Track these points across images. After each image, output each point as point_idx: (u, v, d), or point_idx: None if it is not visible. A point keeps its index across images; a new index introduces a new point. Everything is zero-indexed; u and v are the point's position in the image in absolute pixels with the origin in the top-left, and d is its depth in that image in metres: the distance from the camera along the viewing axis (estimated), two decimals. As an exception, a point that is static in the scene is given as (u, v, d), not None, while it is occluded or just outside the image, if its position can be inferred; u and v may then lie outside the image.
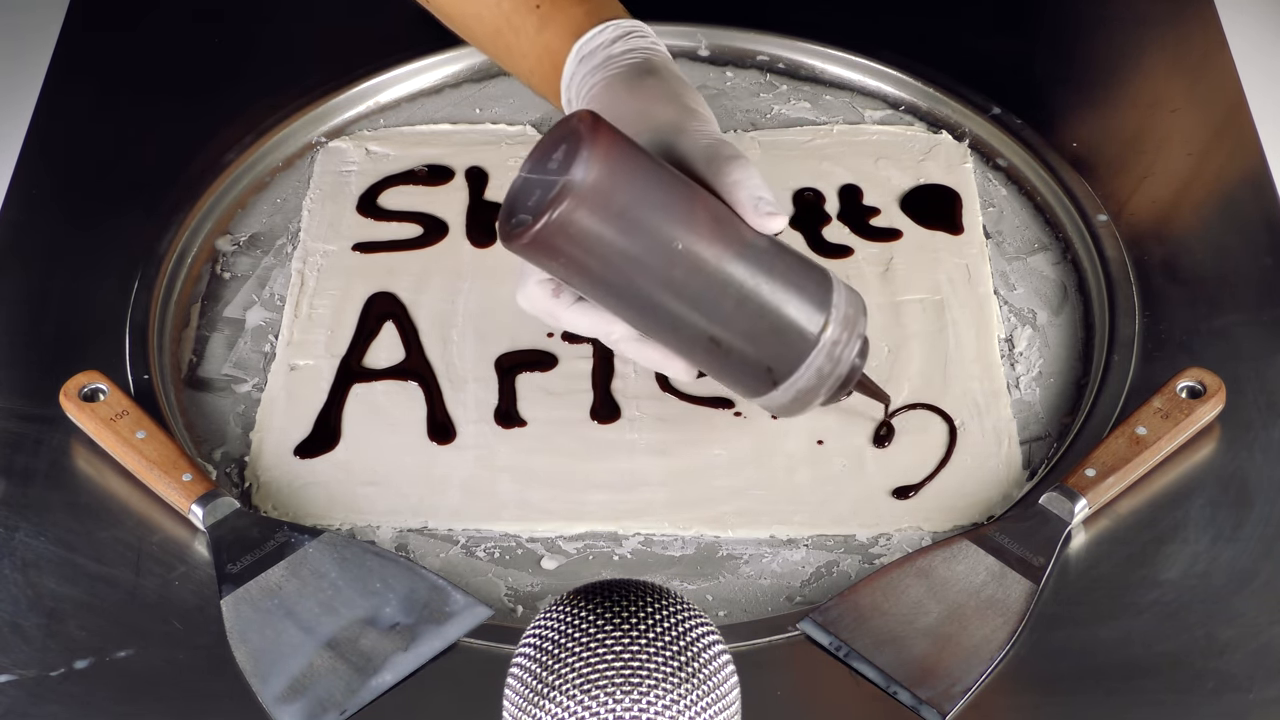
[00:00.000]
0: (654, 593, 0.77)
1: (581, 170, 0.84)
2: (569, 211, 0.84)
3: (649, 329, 0.92)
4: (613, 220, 0.86)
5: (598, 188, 0.85)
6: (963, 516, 1.01)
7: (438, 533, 1.01)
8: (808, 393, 0.94)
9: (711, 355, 0.92)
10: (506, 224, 0.87)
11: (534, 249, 0.86)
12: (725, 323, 0.90)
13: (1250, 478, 1.00)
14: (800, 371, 0.92)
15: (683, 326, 0.90)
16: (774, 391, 0.94)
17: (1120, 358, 1.07)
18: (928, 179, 1.22)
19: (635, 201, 0.86)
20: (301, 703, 0.89)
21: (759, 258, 0.90)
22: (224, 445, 1.06)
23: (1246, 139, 1.21)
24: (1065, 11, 1.35)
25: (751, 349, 0.92)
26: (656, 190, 0.87)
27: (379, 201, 1.22)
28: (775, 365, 0.92)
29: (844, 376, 0.94)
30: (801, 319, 0.92)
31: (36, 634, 0.94)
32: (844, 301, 0.93)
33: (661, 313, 0.89)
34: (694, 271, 0.88)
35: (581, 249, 0.86)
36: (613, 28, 0.98)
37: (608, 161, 0.85)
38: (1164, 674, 0.91)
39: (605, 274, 0.87)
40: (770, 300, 0.90)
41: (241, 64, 1.32)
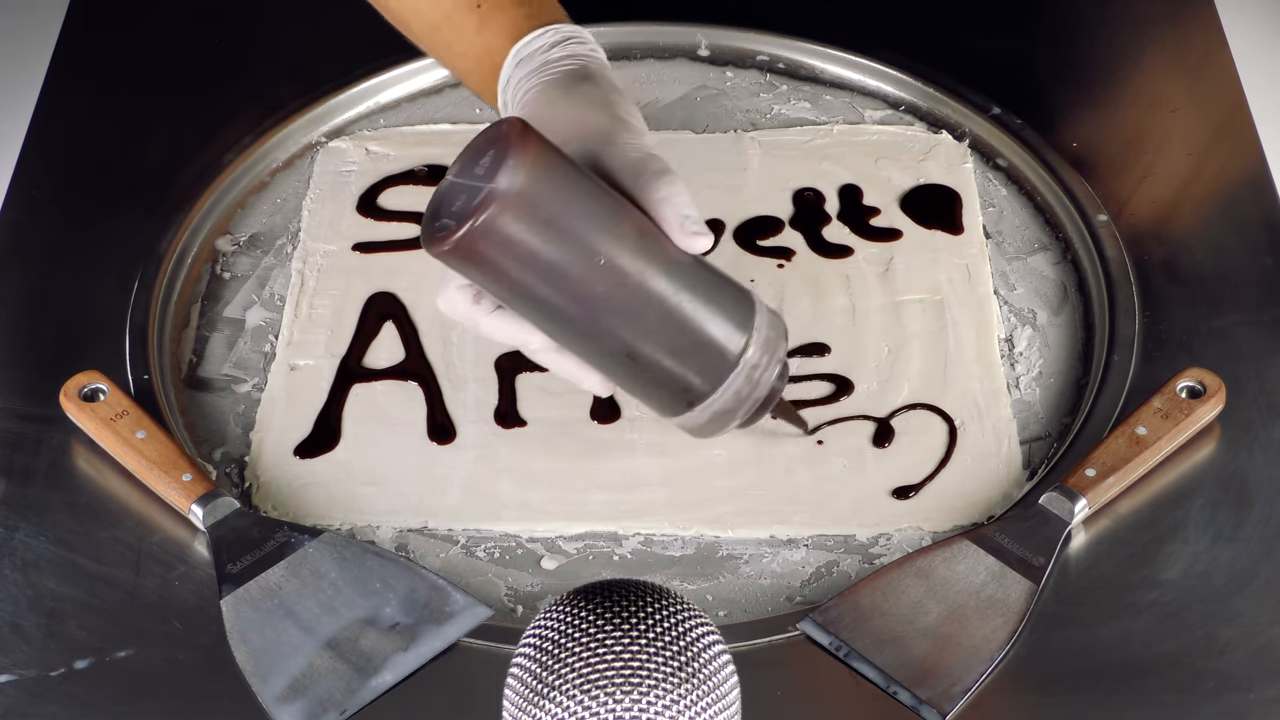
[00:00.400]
0: (654, 593, 0.77)
1: (507, 178, 0.83)
2: (492, 219, 0.83)
3: (567, 341, 0.90)
4: (536, 230, 0.84)
5: (522, 197, 0.84)
6: (963, 516, 1.01)
7: (438, 533, 1.01)
8: (724, 414, 0.92)
9: (628, 371, 0.91)
10: (430, 228, 0.86)
11: (455, 256, 0.85)
12: (643, 339, 0.89)
13: (1250, 478, 1.00)
14: (718, 393, 0.91)
15: (601, 341, 0.89)
16: (690, 412, 0.92)
17: (1120, 358, 1.07)
18: (928, 179, 1.22)
19: (559, 212, 0.85)
20: (301, 703, 0.89)
21: (681, 275, 0.89)
22: (224, 445, 1.06)
23: (1246, 139, 1.21)
24: (1065, 11, 1.35)
25: (669, 368, 0.90)
26: (581, 202, 0.86)
27: (379, 201, 1.22)
28: (692, 386, 0.91)
29: (761, 400, 0.93)
30: (722, 339, 0.90)
31: (36, 634, 0.94)
32: (766, 324, 0.92)
33: (580, 326, 0.88)
34: (615, 286, 0.87)
35: (503, 258, 0.85)
36: (552, 32, 0.98)
37: (534, 171, 0.84)
38: (1164, 674, 0.91)
39: (526, 284, 0.86)
40: (691, 319, 0.89)
41: (241, 64, 1.32)
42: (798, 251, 1.17)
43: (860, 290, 1.14)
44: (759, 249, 1.17)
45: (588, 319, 0.88)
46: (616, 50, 1.32)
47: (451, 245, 0.84)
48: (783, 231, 1.19)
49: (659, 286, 0.88)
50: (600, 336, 0.89)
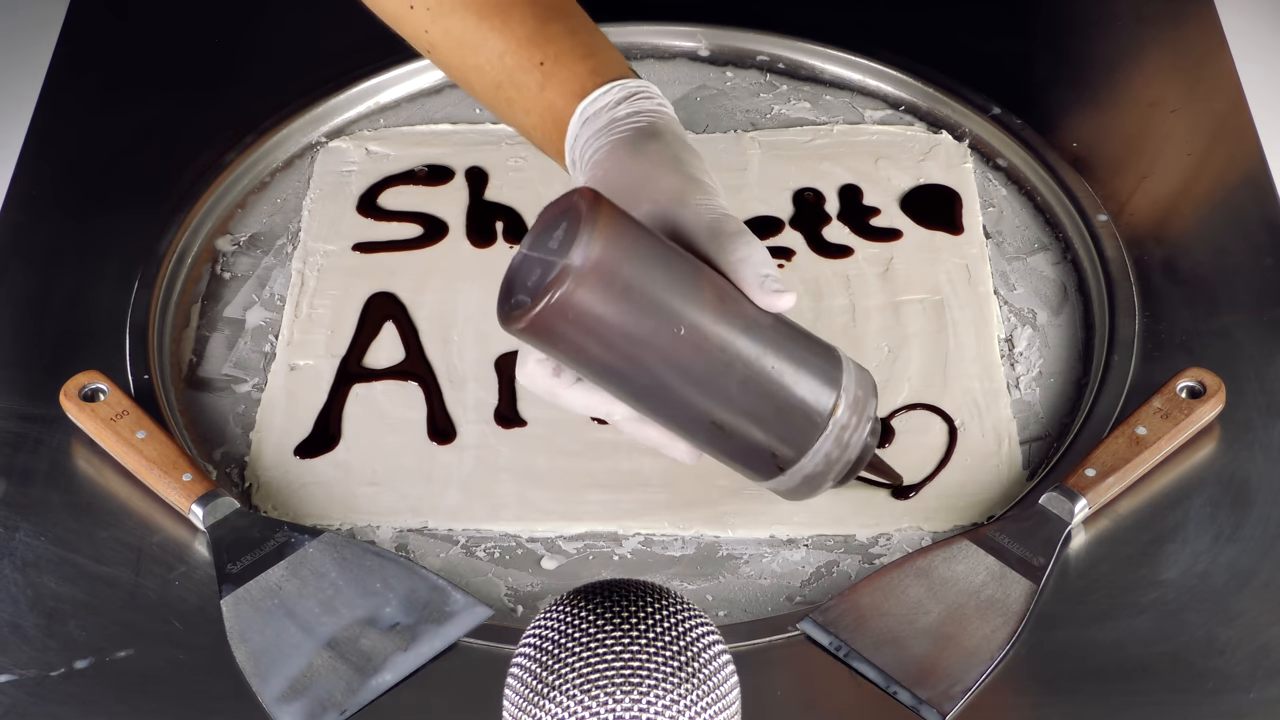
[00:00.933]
0: (654, 593, 0.77)
1: (581, 253, 0.82)
2: (567, 296, 0.82)
3: (650, 411, 0.89)
4: (612, 304, 0.83)
5: (597, 271, 0.82)
6: (963, 516, 1.01)
7: (438, 533, 1.01)
8: (815, 478, 0.91)
9: (715, 439, 0.89)
10: (505, 305, 0.85)
11: (532, 333, 0.84)
12: (728, 407, 0.87)
13: (1250, 478, 1.00)
14: (807, 458, 0.90)
15: (684, 410, 0.88)
16: (780, 477, 0.91)
17: (1120, 358, 1.07)
18: (928, 179, 1.22)
19: (635, 285, 0.84)
20: (301, 703, 0.89)
21: (765, 338, 0.88)
22: (224, 445, 1.06)
23: (1246, 139, 1.21)
24: (1065, 11, 1.35)
25: (756, 434, 0.89)
26: (658, 271, 0.85)
27: (379, 201, 1.22)
28: (780, 451, 0.90)
29: (853, 461, 0.92)
30: (809, 402, 0.89)
31: (36, 634, 0.94)
32: (854, 384, 0.90)
33: (662, 396, 0.87)
34: (696, 355, 0.86)
35: (580, 333, 0.83)
36: (618, 88, 0.96)
37: (607, 243, 0.83)
38: (1164, 674, 0.91)
39: (605, 357, 0.85)
40: (776, 383, 0.88)
41: (241, 64, 1.32)
42: (798, 251, 1.17)
43: (860, 290, 1.14)
44: (759, 249, 1.17)
45: (670, 390, 0.86)
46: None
47: (527, 323, 0.82)
48: (783, 231, 1.19)
49: (741, 352, 0.86)
50: (683, 407, 0.87)
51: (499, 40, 0.99)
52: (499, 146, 1.25)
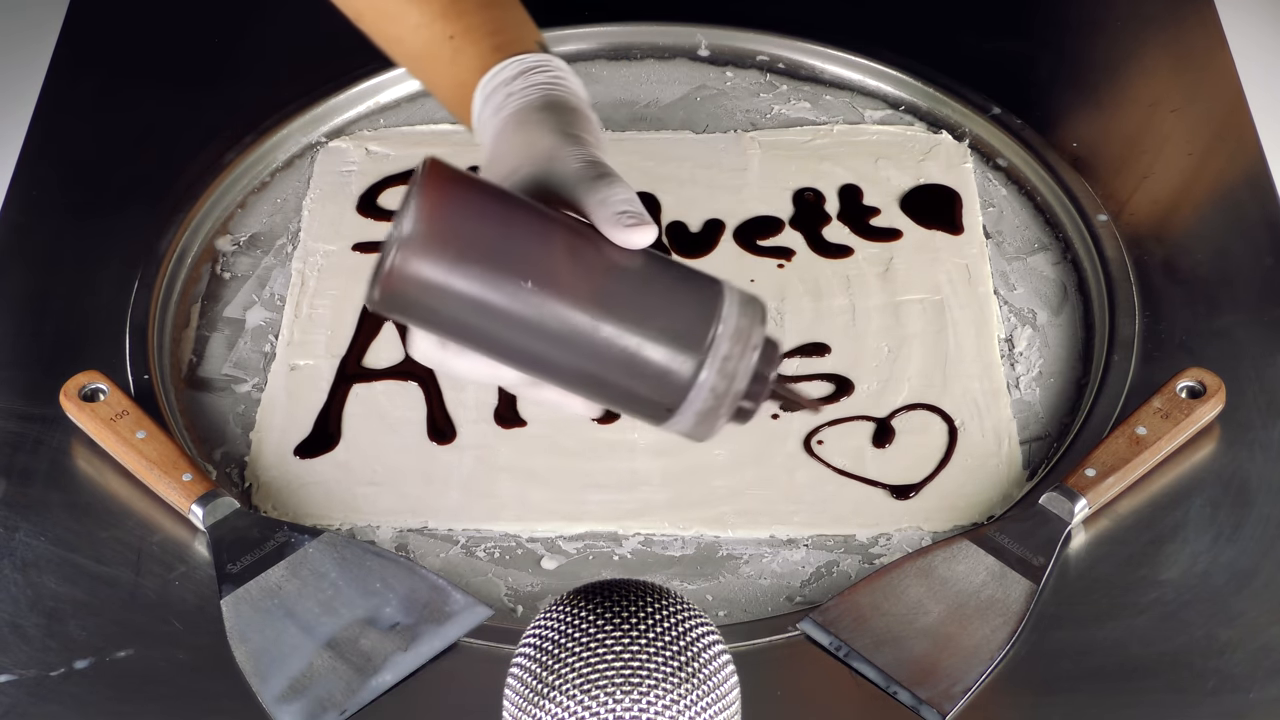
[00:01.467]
0: (654, 593, 0.77)
1: (408, 223, 0.81)
2: (400, 268, 0.81)
3: (529, 371, 0.86)
4: (447, 269, 0.82)
5: (425, 239, 0.81)
6: (963, 516, 1.01)
7: (438, 533, 1.01)
8: (709, 413, 0.86)
9: (601, 391, 0.86)
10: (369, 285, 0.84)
11: (385, 308, 0.82)
12: (596, 357, 0.84)
13: (1250, 478, 1.00)
14: (693, 394, 0.85)
15: (556, 366, 0.85)
16: (674, 418, 0.87)
17: (1120, 358, 1.07)
18: (928, 179, 1.22)
19: (470, 246, 0.82)
20: (301, 703, 0.89)
21: (627, 279, 0.85)
22: (224, 445, 1.06)
23: (1246, 139, 1.21)
24: (1065, 11, 1.35)
25: (633, 380, 0.85)
26: (497, 229, 0.83)
27: (379, 201, 1.22)
28: (663, 394, 0.86)
29: (744, 391, 0.87)
30: (683, 337, 0.85)
31: (36, 634, 0.94)
32: (735, 313, 0.86)
33: (533, 356, 0.84)
34: (549, 308, 0.83)
35: (430, 301, 0.82)
36: (516, 64, 0.96)
37: (435, 209, 0.82)
38: (1164, 674, 0.91)
39: (466, 323, 0.83)
40: (643, 324, 0.85)
41: (241, 64, 1.32)
42: (798, 251, 1.17)
43: (860, 290, 1.14)
44: (759, 249, 1.17)
45: (535, 348, 0.84)
46: (616, 50, 1.33)
47: (376, 301, 0.81)
48: (783, 231, 1.19)
49: (600, 298, 0.84)
50: (553, 363, 0.85)
51: (416, 12, 0.99)
52: (499, 146, 1.25)
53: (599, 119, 0.95)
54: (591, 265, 0.85)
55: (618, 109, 1.28)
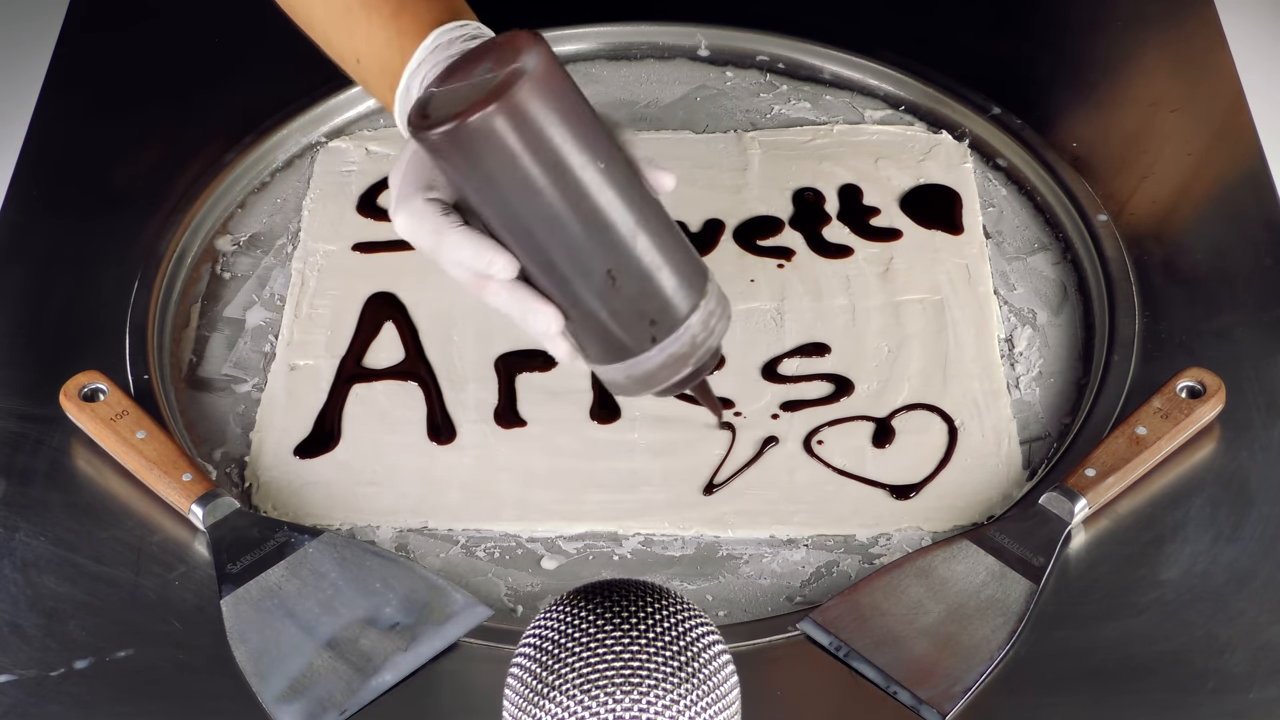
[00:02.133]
0: (654, 593, 0.77)
1: (532, 60, 0.82)
2: (523, 94, 0.81)
3: (544, 257, 0.86)
4: (556, 116, 0.82)
5: (547, 78, 0.82)
6: (963, 516, 1.01)
7: (438, 533, 1.01)
8: (677, 360, 0.89)
9: (600, 297, 0.87)
10: (427, 119, 0.83)
11: (467, 138, 0.81)
12: (629, 255, 0.86)
13: (1250, 478, 1.00)
14: (680, 330, 0.88)
15: (586, 250, 0.86)
16: (649, 351, 0.88)
17: (1120, 358, 1.07)
18: (928, 179, 1.22)
19: (573, 105, 0.84)
20: (301, 703, 0.89)
21: (660, 212, 0.88)
22: (224, 445, 1.06)
23: (1246, 139, 1.21)
24: (1065, 11, 1.35)
25: (647, 290, 0.87)
26: (585, 105, 0.85)
27: (379, 201, 1.22)
28: (660, 318, 0.88)
29: (710, 351, 0.90)
30: (693, 273, 0.88)
31: (36, 634, 0.94)
32: (716, 284, 0.91)
33: (569, 233, 0.85)
34: (615, 194, 0.85)
35: (520, 141, 0.82)
36: (473, 27, 0.96)
37: (553, 64, 0.83)
38: (1164, 674, 0.91)
39: (531, 179, 0.83)
40: (671, 246, 0.87)
41: (241, 64, 1.32)
42: (798, 251, 1.17)
43: (860, 290, 1.14)
44: (759, 249, 1.17)
45: (581, 227, 0.85)
46: (617, 50, 1.33)
47: (474, 122, 0.81)
48: (783, 231, 1.19)
49: (648, 208, 0.87)
50: (585, 247, 0.85)
51: None
52: (499, 146, 1.25)
53: None
54: (637, 184, 0.87)
55: (618, 109, 1.28)
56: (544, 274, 0.87)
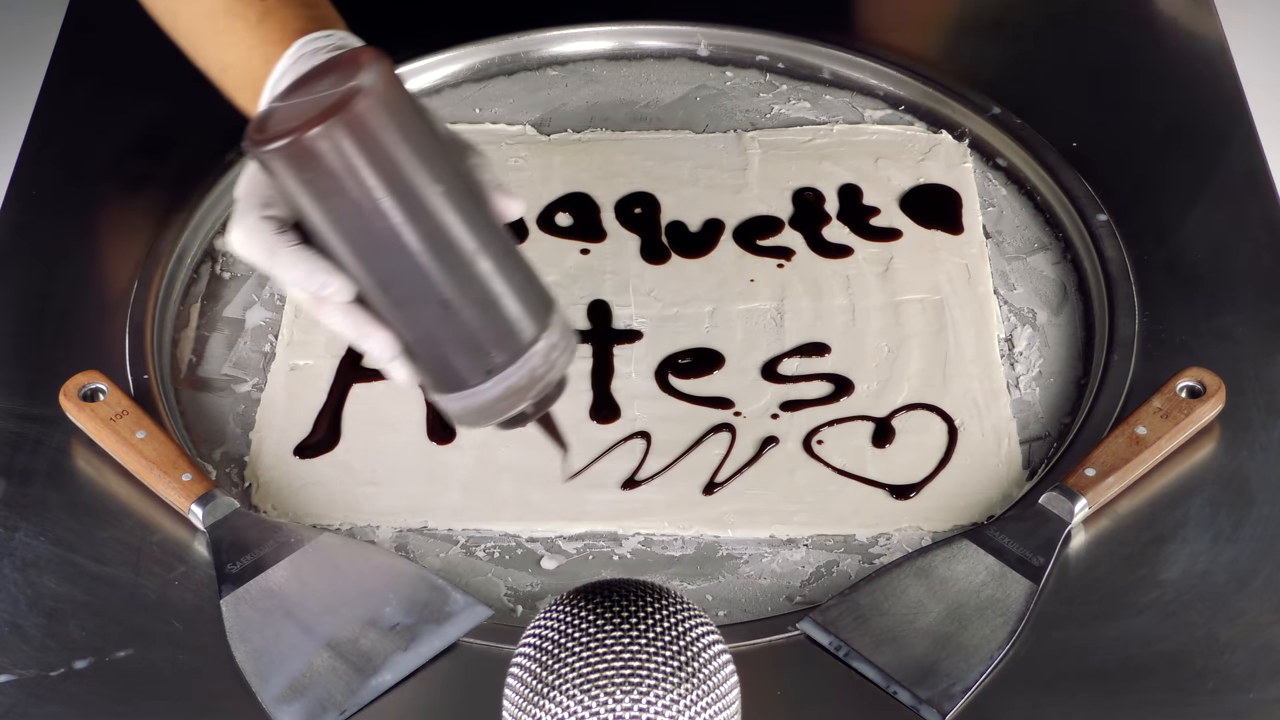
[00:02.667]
0: (654, 593, 0.77)
1: (371, 77, 0.79)
2: (361, 111, 0.79)
3: (378, 280, 0.84)
4: (393, 135, 0.80)
5: (386, 98, 0.80)
6: (963, 516, 1.01)
7: (438, 533, 1.01)
8: (516, 392, 0.87)
9: (435, 324, 0.85)
10: (264, 133, 0.80)
11: (302, 154, 0.79)
12: (465, 284, 0.84)
13: (1250, 478, 1.00)
14: (520, 363, 0.86)
15: (421, 278, 0.83)
16: (485, 383, 0.86)
17: (1120, 358, 1.07)
18: (928, 179, 1.22)
19: (412, 124, 0.82)
20: (301, 703, 0.89)
21: (504, 237, 0.86)
22: (224, 445, 1.06)
23: (1246, 139, 1.21)
24: (1065, 11, 1.35)
25: (484, 321, 0.85)
26: (426, 125, 0.83)
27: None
28: (497, 349, 0.86)
29: (554, 384, 0.88)
30: (535, 304, 0.86)
31: (36, 634, 0.94)
32: (563, 317, 0.89)
33: (405, 257, 0.83)
34: (453, 220, 0.83)
35: (356, 160, 0.80)
36: (339, 37, 0.96)
37: (393, 80, 0.81)
38: (1164, 674, 0.91)
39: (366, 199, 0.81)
40: (512, 276, 0.85)
41: (241, 64, 1.32)
42: (798, 251, 1.17)
43: (860, 290, 1.14)
44: (759, 249, 1.17)
45: (418, 250, 0.82)
46: (617, 50, 1.33)
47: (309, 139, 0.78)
48: (783, 231, 1.19)
49: (490, 235, 0.84)
50: (422, 274, 0.83)
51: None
52: (499, 146, 1.25)
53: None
54: (480, 211, 0.85)
55: (618, 109, 1.28)
56: (378, 298, 0.84)
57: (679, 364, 1.10)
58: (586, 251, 1.18)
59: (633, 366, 1.10)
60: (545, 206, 1.21)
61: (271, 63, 0.94)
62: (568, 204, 1.21)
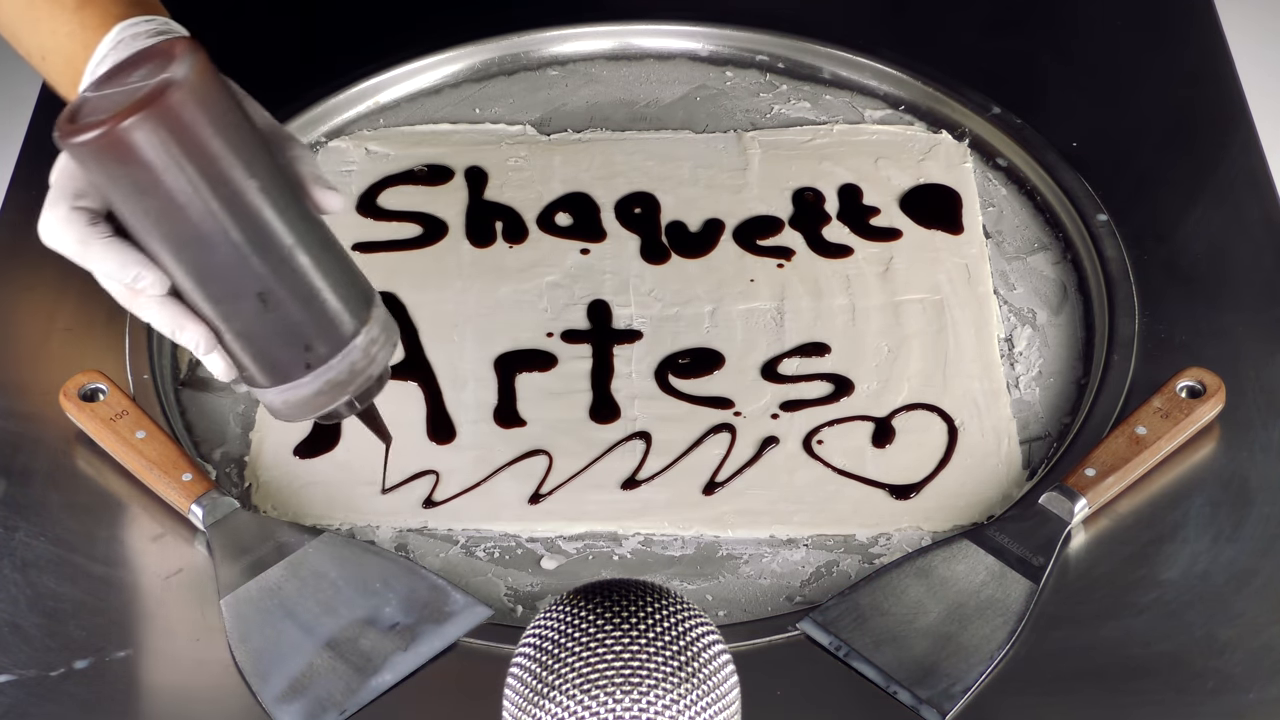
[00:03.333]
0: (654, 593, 0.77)
1: (185, 68, 0.79)
2: (170, 103, 0.78)
3: (192, 273, 0.84)
4: (206, 126, 0.79)
5: (200, 87, 0.79)
6: (963, 516, 1.01)
7: (438, 533, 1.01)
8: (336, 387, 0.87)
9: (252, 318, 0.85)
10: (75, 124, 0.79)
11: (113, 146, 0.78)
12: (283, 278, 0.83)
13: (1250, 478, 1.00)
14: (339, 358, 0.86)
15: (236, 272, 0.83)
16: (303, 377, 0.86)
17: (1120, 358, 1.07)
18: (928, 179, 1.22)
19: (227, 117, 0.81)
20: (301, 703, 0.89)
21: (323, 232, 0.86)
22: (224, 445, 1.06)
23: (1246, 139, 1.21)
24: (1065, 11, 1.35)
25: (298, 317, 0.85)
26: (243, 119, 0.83)
27: (378, 201, 1.22)
28: (316, 343, 0.86)
29: (372, 379, 0.89)
30: (354, 299, 0.86)
31: (36, 634, 0.94)
32: (384, 311, 0.89)
33: (219, 251, 0.82)
34: (268, 214, 0.82)
35: (169, 152, 0.79)
36: (159, 22, 0.95)
37: (208, 69, 0.80)
38: (1164, 674, 0.91)
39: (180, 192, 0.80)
40: (331, 270, 0.85)
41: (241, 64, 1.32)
42: (798, 251, 1.17)
43: (860, 290, 1.14)
44: (759, 249, 1.17)
45: (231, 244, 0.82)
46: (617, 50, 1.33)
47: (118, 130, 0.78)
48: (783, 231, 1.19)
49: (307, 229, 0.84)
50: (237, 268, 0.83)
51: None
52: (499, 146, 1.25)
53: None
54: (300, 202, 0.85)
55: (618, 109, 1.28)
56: (193, 292, 0.84)
57: (679, 364, 1.10)
58: (586, 251, 1.18)
59: (632, 366, 1.10)
60: (545, 206, 1.21)
61: (91, 48, 0.93)
62: (568, 204, 1.21)
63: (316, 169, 0.87)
